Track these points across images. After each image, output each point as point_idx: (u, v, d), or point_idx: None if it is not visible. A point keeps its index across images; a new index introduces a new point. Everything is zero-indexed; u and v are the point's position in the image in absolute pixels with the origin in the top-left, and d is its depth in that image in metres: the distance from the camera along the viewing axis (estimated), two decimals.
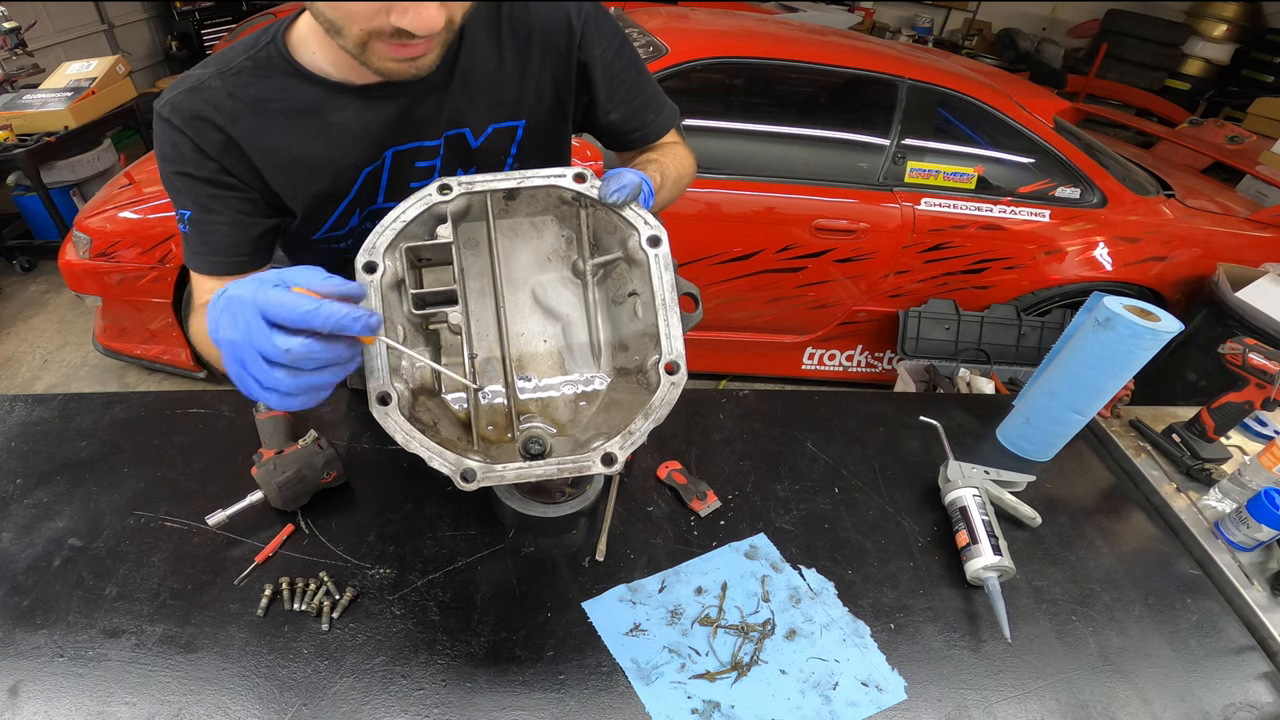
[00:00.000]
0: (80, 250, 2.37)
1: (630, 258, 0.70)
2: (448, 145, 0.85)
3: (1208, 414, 1.19)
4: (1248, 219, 2.78)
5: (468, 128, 0.85)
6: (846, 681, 0.81)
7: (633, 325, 0.71)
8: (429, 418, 0.65)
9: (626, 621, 0.87)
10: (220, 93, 0.77)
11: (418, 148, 0.84)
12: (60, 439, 1.08)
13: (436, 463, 0.59)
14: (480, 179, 0.66)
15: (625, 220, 0.68)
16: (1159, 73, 6.72)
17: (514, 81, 0.85)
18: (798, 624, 0.87)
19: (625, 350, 0.73)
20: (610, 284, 0.74)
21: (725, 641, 0.85)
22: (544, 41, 0.84)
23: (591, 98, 0.90)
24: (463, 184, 0.64)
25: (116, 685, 0.76)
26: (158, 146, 0.80)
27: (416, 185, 0.83)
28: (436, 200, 0.63)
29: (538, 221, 0.72)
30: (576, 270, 0.73)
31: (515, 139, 0.89)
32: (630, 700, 0.79)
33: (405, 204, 0.64)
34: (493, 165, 0.89)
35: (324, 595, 0.86)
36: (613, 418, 0.69)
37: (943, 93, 2.55)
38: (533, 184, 0.67)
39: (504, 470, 0.60)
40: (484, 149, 0.87)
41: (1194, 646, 0.91)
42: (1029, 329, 2.67)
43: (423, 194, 0.64)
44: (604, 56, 0.88)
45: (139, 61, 5.21)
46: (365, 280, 0.60)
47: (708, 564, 0.95)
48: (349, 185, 0.83)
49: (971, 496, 1.00)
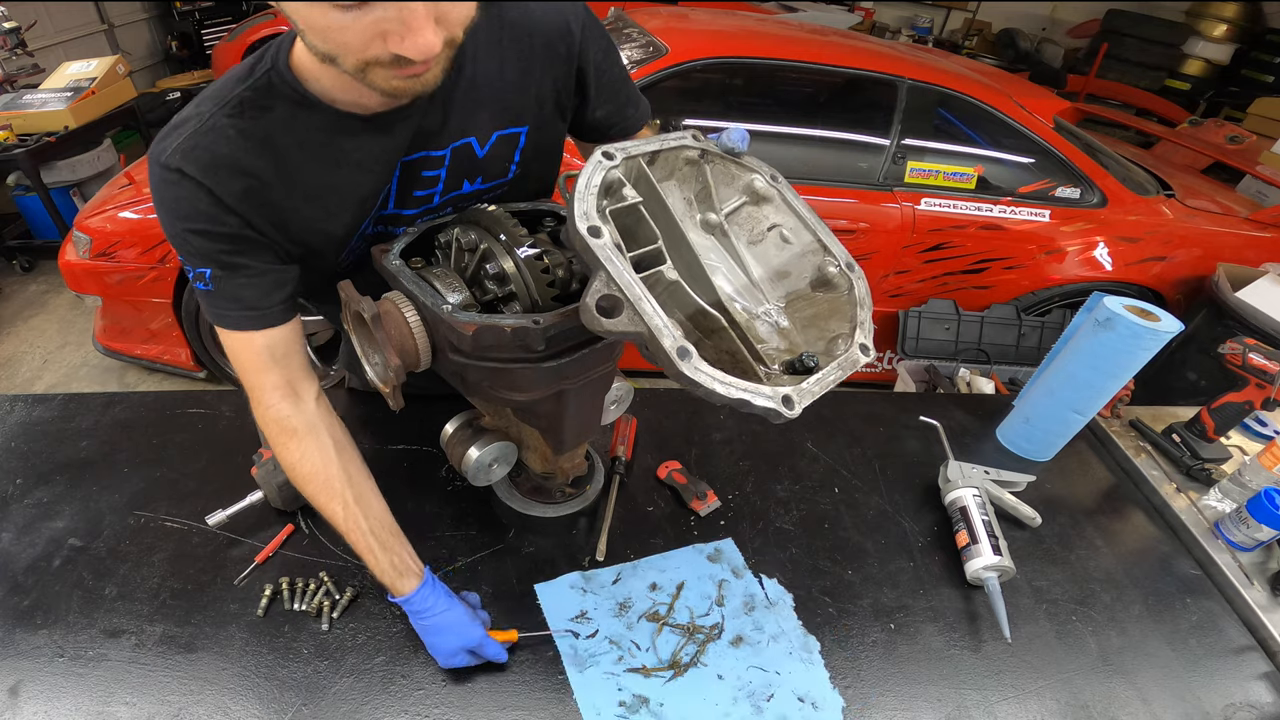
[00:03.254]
0: (80, 250, 2.37)
1: (758, 197, 0.76)
2: (454, 156, 0.84)
3: (1208, 414, 1.19)
4: (1248, 219, 2.78)
5: (473, 137, 0.84)
6: (783, 694, 0.81)
7: (785, 252, 0.76)
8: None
9: (574, 607, 0.87)
10: (230, 131, 0.71)
11: (424, 157, 0.83)
12: (60, 439, 1.08)
13: (761, 399, 0.58)
14: (632, 144, 0.69)
15: (744, 167, 0.74)
16: (1159, 73, 6.73)
17: (516, 88, 0.85)
18: (746, 631, 0.87)
19: (786, 277, 0.76)
20: (741, 228, 0.78)
21: (669, 640, 0.85)
22: (546, 48, 0.84)
23: (584, 98, 0.92)
24: (619, 149, 0.67)
25: (116, 685, 0.76)
26: (163, 201, 0.73)
27: (420, 193, 0.85)
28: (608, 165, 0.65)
29: (666, 186, 0.75)
30: (708, 224, 0.77)
31: (519, 145, 0.89)
32: (563, 686, 0.80)
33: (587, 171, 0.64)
34: (497, 173, 0.89)
35: (324, 595, 0.86)
36: (823, 327, 0.73)
37: (943, 93, 2.55)
38: (669, 145, 0.72)
39: (810, 385, 0.62)
40: (489, 157, 0.87)
41: (1194, 646, 0.91)
42: (1029, 329, 2.67)
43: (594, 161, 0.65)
44: (597, 58, 0.89)
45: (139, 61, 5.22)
46: (598, 244, 0.59)
47: (667, 561, 0.95)
48: (370, 209, 0.82)
49: (971, 496, 1.00)
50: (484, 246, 0.75)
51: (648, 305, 0.56)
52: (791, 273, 0.76)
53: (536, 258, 0.74)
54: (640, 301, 0.56)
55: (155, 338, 2.59)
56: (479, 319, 0.67)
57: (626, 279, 0.57)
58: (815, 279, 0.74)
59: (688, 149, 0.73)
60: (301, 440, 0.80)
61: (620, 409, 0.93)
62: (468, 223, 0.78)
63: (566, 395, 0.79)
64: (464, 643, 0.79)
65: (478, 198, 0.91)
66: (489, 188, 0.91)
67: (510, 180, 0.92)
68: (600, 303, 0.58)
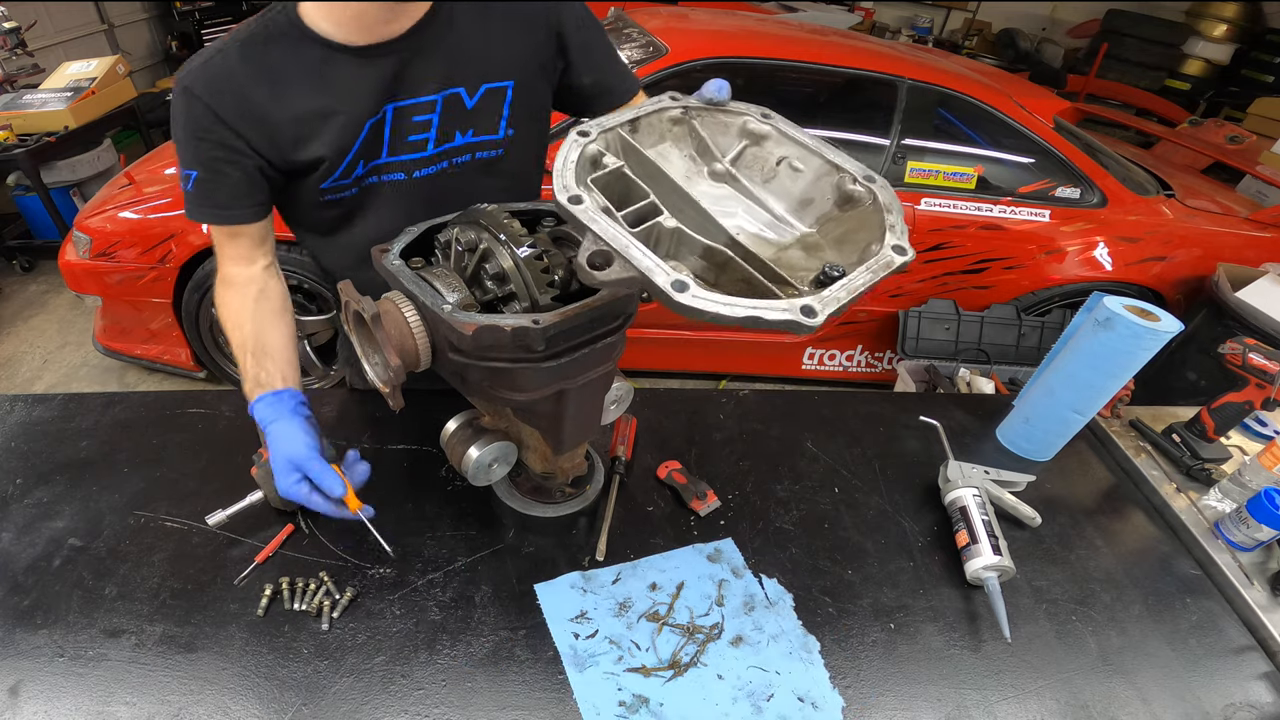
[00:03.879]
0: (80, 250, 2.37)
1: (756, 138, 0.77)
2: (445, 104, 0.93)
3: (1208, 414, 1.19)
4: (1248, 219, 2.78)
5: (463, 87, 0.93)
6: (782, 694, 0.80)
7: (800, 181, 0.76)
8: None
9: (574, 608, 0.87)
10: (236, 59, 0.85)
11: (414, 104, 0.92)
12: (60, 439, 1.08)
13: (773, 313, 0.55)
14: (606, 119, 0.71)
15: (732, 112, 0.76)
16: (1159, 73, 6.73)
17: (500, 45, 0.94)
18: (746, 631, 0.87)
19: (810, 203, 0.76)
20: (751, 171, 0.78)
21: (669, 640, 0.85)
22: (527, 12, 0.94)
23: (567, 63, 1.00)
24: (594, 125, 0.70)
25: (116, 685, 0.76)
26: (174, 114, 0.87)
27: (414, 138, 0.94)
28: (584, 142, 0.68)
29: (660, 150, 0.77)
30: (716, 174, 0.78)
31: (506, 99, 0.97)
32: (563, 686, 0.79)
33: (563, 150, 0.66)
34: (488, 125, 0.97)
35: (324, 595, 0.86)
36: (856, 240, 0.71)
37: (943, 93, 2.56)
38: (647, 110, 0.74)
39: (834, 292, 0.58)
40: (478, 109, 0.95)
41: (1194, 646, 0.91)
42: (1029, 329, 2.67)
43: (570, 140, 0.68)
44: (574, 25, 0.98)
45: (139, 61, 5.21)
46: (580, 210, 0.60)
47: (667, 561, 0.95)
48: (354, 136, 0.90)
49: (971, 496, 1.00)
50: (484, 246, 0.75)
51: (635, 250, 0.57)
52: (814, 198, 0.76)
53: (536, 258, 0.74)
54: (628, 249, 0.57)
55: (155, 338, 2.59)
56: (479, 319, 0.67)
57: (611, 233, 0.58)
58: (838, 198, 0.74)
59: (667, 110, 0.75)
60: (231, 291, 0.96)
61: (620, 409, 0.93)
62: (467, 222, 0.78)
63: (566, 395, 0.79)
64: (289, 454, 0.83)
65: (472, 151, 0.98)
66: (482, 141, 0.98)
67: (502, 140, 1.00)
68: (592, 259, 0.60)
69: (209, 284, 2.40)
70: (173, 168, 2.57)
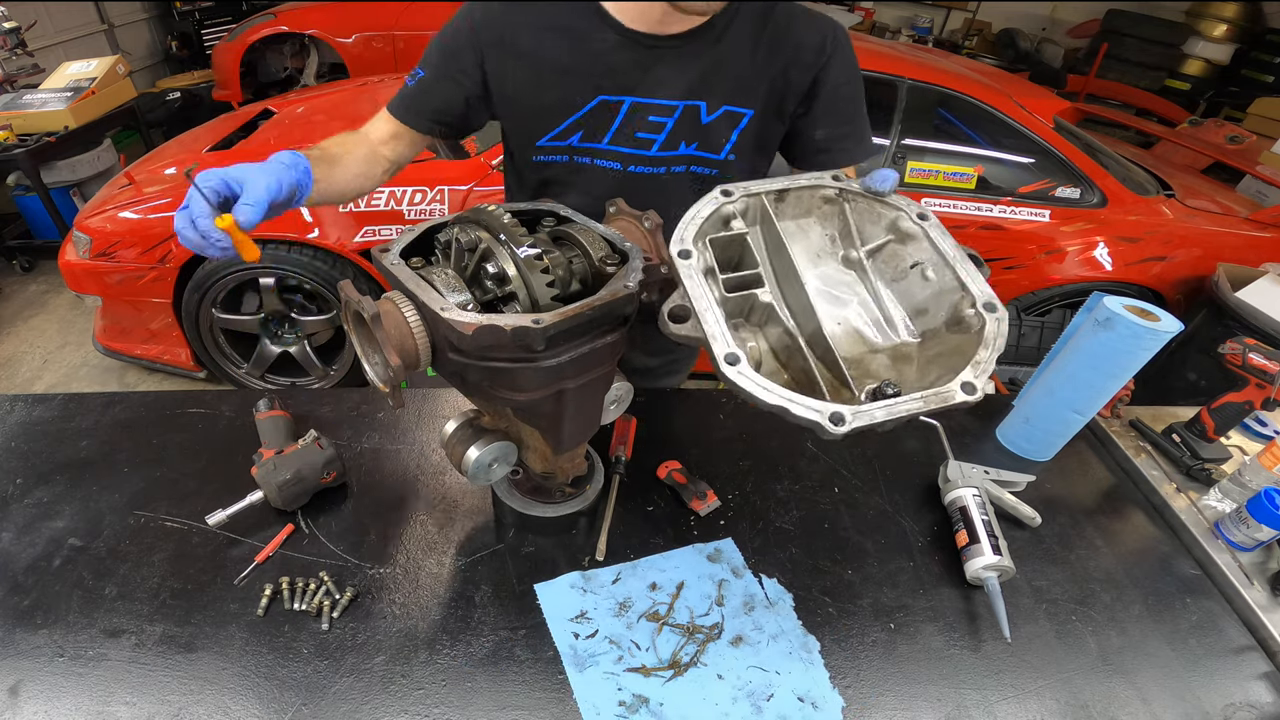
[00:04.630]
0: (80, 250, 2.37)
1: (903, 236, 0.76)
2: (683, 113, 0.96)
3: (1208, 414, 1.19)
4: (1248, 219, 2.78)
5: (704, 101, 0.96)
6: (782, 694, 0.80)
7: (925, 290, 0.75)
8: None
9: (573, 608, 0.87)
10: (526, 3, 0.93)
11: (655, 104, 0.96)
12: (60, 439, 1.08)
13: (800, 409, 0.58)
14: (754, 184, 0.72)
15: (889, 205, 0.74)
16: (1159, 73, 6.73)
17: (756, 74, 0.96)
18: (746, 631, 0.87)
19: (924, 314, 0.75)
20: (884, 266, 0.78)
21: (669, 639, 0.85)
22: (796, 50, 0.96)
23: (807, 111, 1.01)
24: (740, 188, 0.72)
25: (116, 685, 0.76)
26: (454, 18, 0.98)
27: (642, 135, 0.97)
28: (722, 201, 0.71)
29: (802, 224, 0.78)
30: (849, 260, 0.78)
31: (739, 126, 0.99)
32: (563, 686, 0.79)
33: (698, 204, 0.71)
34: (713, 146, 1.00)
35: (324, 595, 0.86)
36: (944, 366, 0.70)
37: (943, 93, 2.56)
38: (800, 184, 0.74)
39: (872, 409, 0.59)
40: (711, 126, 0.98)
41: (1194, 646, 0.91)
42: (1029, 329, 2.67)
43: (710, 197, 0.71)
44: (835, 78, 0.98)
45: (139, 61, 5.22)
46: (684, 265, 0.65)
47: (667, 561, 0.95)
48: (583, 103, 0.96)
49: (971, 496, 1.00)
50: (484, 246, 0.75)
51: (710, 315, 0.63)
52: (929, 310, 0.75)
53: (536, 258, 0.74)
54: (705, 313, 0.63)
55: (155, 338, 2.59)
56: (479, 319, 0.67)
57: (697, 293, 0.64)
58: (949, 317, 0.73)
59: (822, 189, 0.75)
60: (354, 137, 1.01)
61: (620, 409, 0.93)
62: (467, 222, 0.78)
63: (566, 395, 0.79)
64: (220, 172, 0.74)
65: (689, 164, 1.01)
66: (702, 157, 1.01)
67: (721, 161, 1.02)
68: (673, 310, 0.66)
69: (209, 284, 2.40)
70: (172, 168, 2.57)
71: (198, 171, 0.73)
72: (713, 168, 1.02)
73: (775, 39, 0.95)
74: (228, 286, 2.42)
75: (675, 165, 1.01)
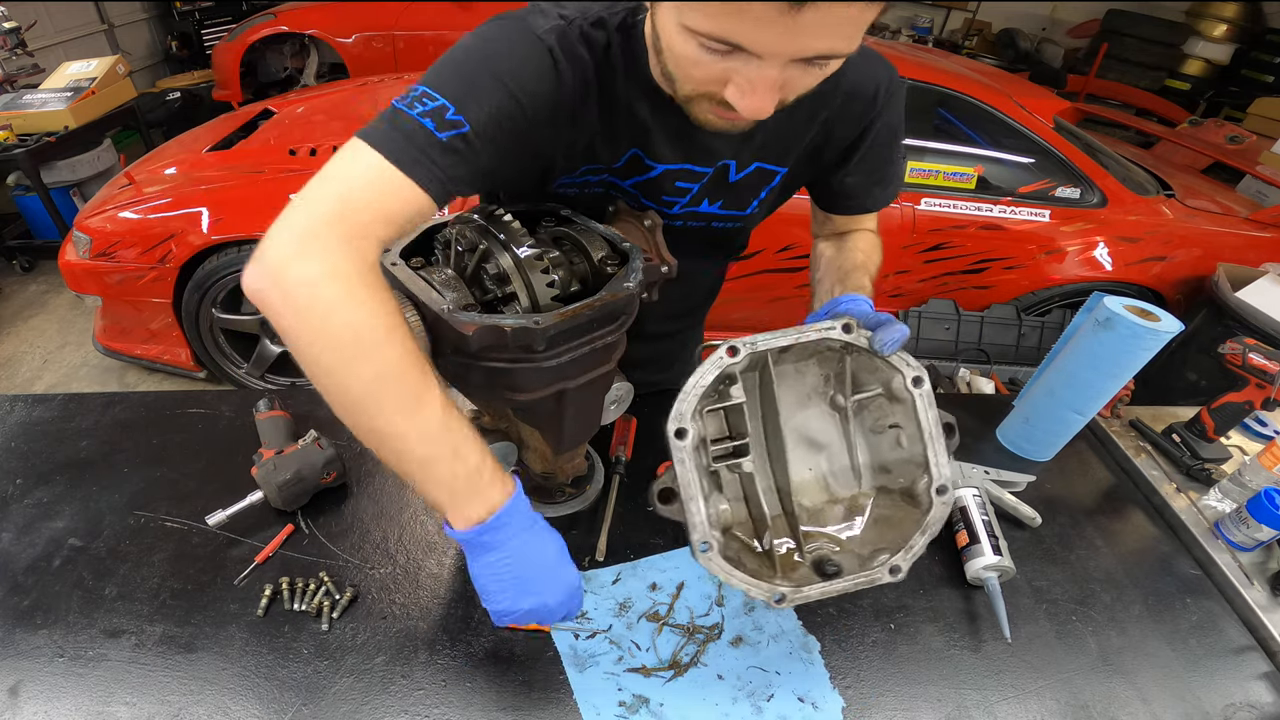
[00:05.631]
0: (80, 250, 2.37)
1: (893, 395, 0.76)
2: (712, 175, 0.86)
3: (1208, 414, 1.19)
4: (1248, 219, 2.78)
5: (733, 160, 0.85)
6: (783, 695, 0.80)
7: (895, 453, 0.79)
8: (733, 553, 0.75)
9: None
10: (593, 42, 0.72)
11: (688, 170, 0.85)
12: (60, 439, 1.08)
13: (754, 592, 0.71)
14: (762, 339, 0.72)
15: (889, 364, 0.74)
16: (1159, 73, 6.72)
17: (796, 133, 0.85)
18: (746, 631, 0.87)
19: (887, 473, 0.81)
20: (867, 415, 0.81)
21: (669, 640, 0.85)
22: (846, 103, 0.84)
23: (845, 161, 0.91)
24: (747, 345, 0.71)
25: (116, 685, 0.76)
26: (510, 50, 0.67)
27: (667, 198, 0.87)
28: (728, 363, 0.71)
29: (801, 366, 0.80)
30: (835, 404, 0.81)
31: (771, 184, 0.90)
32: (563, 686, 0.79)
33: (701, 370, 0.71)
34: (739, 204, 0.91)
35: (324, 595, 0.86)
36: (885, 533, 0.78)
37: (943, 93, 2.56)
38: (808, 339, 0.73)
39: (809, 590, 0.72)
40: (740, 185, 0.88)
41: (1194, 646, 0.91)
42: (1029, 329, 2.67)
43: (714, 358, 0.71)
44: (881, 132, 0.88)
45: (139, 61, 5.22)
46: (679, 446, 0.69)
47: (668, 561, 0.94)
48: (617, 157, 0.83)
49: (971, 496, 1.00)
50: (484, 246, 0.75)
51: (694, 506, 0.70)
52: (893, 472, 0.80)
53: (536, 258, 0.74)
54: (690, 502, 0.69)
55: (155, 338, 2.59)
56: (479, 319, 0.67)
57: (687, 479, 0.69)
58: (906, 488, 0.78)
59: (829, 341, 0.74)
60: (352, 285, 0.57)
61: (620, 409, 0.93)
62: (467, 222, 0.78)
63: (566, 395, 0.79)
64: (567, 579, 0.71)
65: (710, 220, 0.92)
66: (724, 214, 0.92)
67: (745, 216, 0.93)
68: (661, 491, 0.72)
69: (209, 284, 2.39)
70: (172, 168, 2.57)
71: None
72: (735, 222, 0.94)
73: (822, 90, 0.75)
74: (228, 286, 2.41)
75: (694, 222, 0.92)
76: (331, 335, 0.58)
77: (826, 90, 0.74)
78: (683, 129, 0.77)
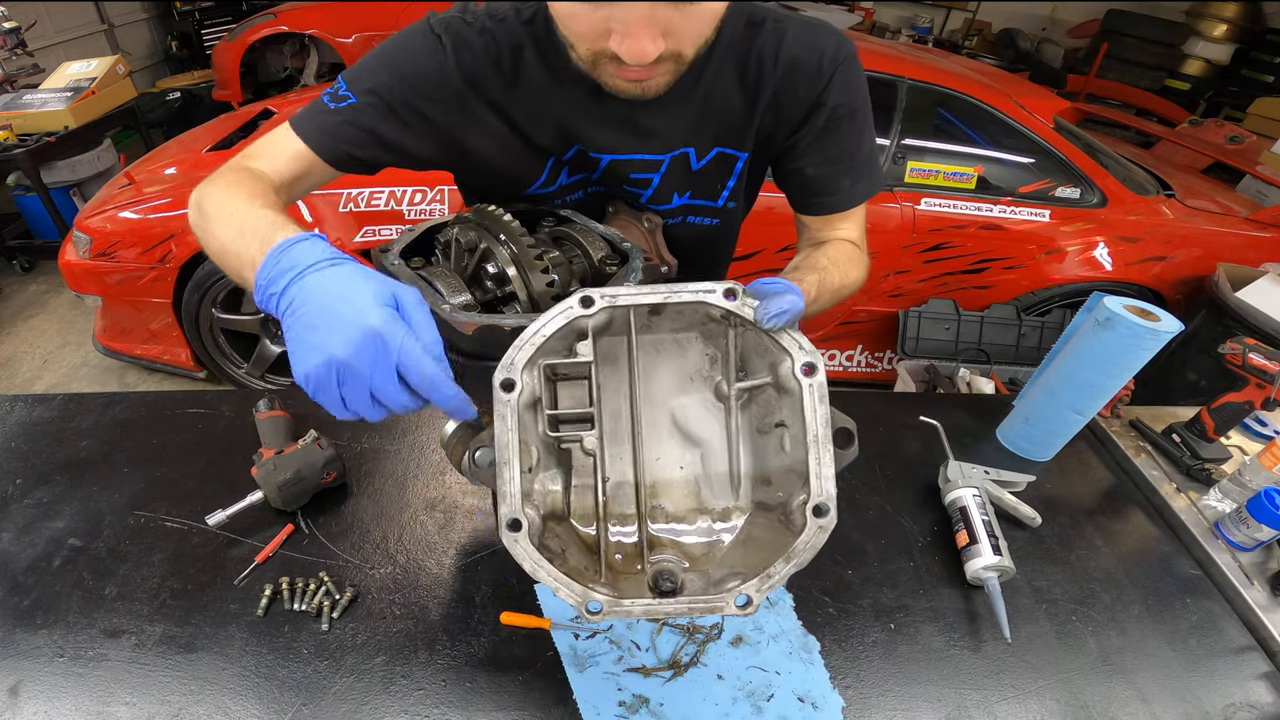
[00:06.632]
0: (80, 250, 2.37)
1: (781, 385, 0.64)
2: (670, 164, 0.85)
3: (1208, 414, 1.19)
4: (1248, 219, 2.78)
5: (693, 148, 0.85)
6: (783, 695, 0.80)
7: (778, 459, 0.66)
8: (557, 545, 0.64)
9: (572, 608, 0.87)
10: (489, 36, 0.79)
11: (639, 160, 0.84)
12: (60, 439, 1.08)
13: (563, 594, 0.59)
14: (624, 292, 0.62)
15: (778, 344, 0.62)
16: (1159, 73, 6.72)
17: (745, 115, 0.83)
18: (746, 631, 0.87)
19: (768, 485, 0.68)
20: (755, 410, 0.69)
21: (669, 640, 0.85)
22: (787, 76, 0.81)
23: (794, 144, 0.86)
24: (605, 297, 0.61)
25: (116, 685, 0.76)
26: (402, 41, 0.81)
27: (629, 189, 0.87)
28: (578, 314, 0.61)
29: (681, 338, 0.68)
30: (720, 393, 0.68)
31: (735, 169, 0.88)
32: (563, 686, 0.79)
33: (545, 317, 0.61)
34: (708, 193, 0.90)
35: (324, 595, 0.86)
36: (750, 555, 0.65)
37: (943, 93, 2.56)
38: (680, 299, 0.62)
39: (631, 605, 0.59)
40: (703, 172, 0.87)
41: (1194, 646, 0.91)
42: (1029, 329, 2.67)
43: (563, 306, 0.61)
44: (834, 109, 0.83)
45: (139, 61, 5.22)
46: (503, 399, 0.59)
47: None
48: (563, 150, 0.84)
49: (971, 496, 1.00)
50: (484, 246, 0.75)
51: (507, 473, 0.59)
52: (773, 484, 0.67)
53: (537, 258, 0.74)
54: (504, 467, 0.59)
55: (155, 338, 2.59)
56: (479, 319, 0.67)
57: (505, 440, 0.59)
58: (783, 506, 0.65)
59: (709, 307, 0.63)
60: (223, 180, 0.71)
61: None
62: (467, 222, 0.78)
63: None
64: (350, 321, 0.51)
65: (685, 214, 0.90)
66: (699, 206, 0.90)
67: (720, 209, 0.91)
68: (479, 456, 0.61)
69: (209, 284, 2.39)
70: (172, 168, 2.57)
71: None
72: (713, 216, 0.92)
73: (763, 62, 0.79)
74: (228, 286, 2.42)
75: (669, 219, 0.90)
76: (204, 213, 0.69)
77: (765, 62, 0.79)
78: (623, 117, 0.80)
